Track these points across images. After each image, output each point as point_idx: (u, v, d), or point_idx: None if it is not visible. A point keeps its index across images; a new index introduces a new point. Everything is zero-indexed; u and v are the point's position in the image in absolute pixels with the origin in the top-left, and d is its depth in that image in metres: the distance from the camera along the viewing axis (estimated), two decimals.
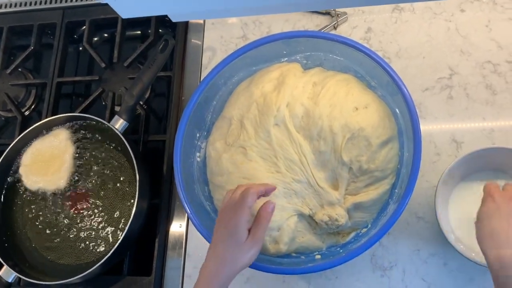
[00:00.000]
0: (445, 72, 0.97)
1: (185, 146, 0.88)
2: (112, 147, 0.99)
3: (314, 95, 0.85)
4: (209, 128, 0.95)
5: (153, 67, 0.97)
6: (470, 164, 0.83)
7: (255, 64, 0.93)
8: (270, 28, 1.09)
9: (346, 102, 0.82)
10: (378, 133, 0.81)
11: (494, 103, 0.94)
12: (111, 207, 0.96)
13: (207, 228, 0.82)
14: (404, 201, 0.75)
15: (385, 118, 0.82)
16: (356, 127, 0.80)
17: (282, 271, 0.80)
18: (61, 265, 0.96)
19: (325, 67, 0.91)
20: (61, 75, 1.16)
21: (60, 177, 0.98)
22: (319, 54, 0.90)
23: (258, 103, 0.86)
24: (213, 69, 0.89)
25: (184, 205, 0.83)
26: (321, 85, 0.85)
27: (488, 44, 0.97)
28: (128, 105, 0.97)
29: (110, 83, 1.12)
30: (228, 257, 0.70)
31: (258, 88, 0.87)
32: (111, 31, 1.20)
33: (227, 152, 0.87)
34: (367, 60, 0.83)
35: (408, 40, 1.01)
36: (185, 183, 0.85)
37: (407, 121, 0.80)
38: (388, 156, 0.82)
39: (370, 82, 0.88)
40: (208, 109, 0.94)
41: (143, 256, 0.99)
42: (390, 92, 0.84)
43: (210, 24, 1.13)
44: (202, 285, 0.69)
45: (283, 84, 0.86)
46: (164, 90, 1.13)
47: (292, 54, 0.92)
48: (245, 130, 0.86)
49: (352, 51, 0.84)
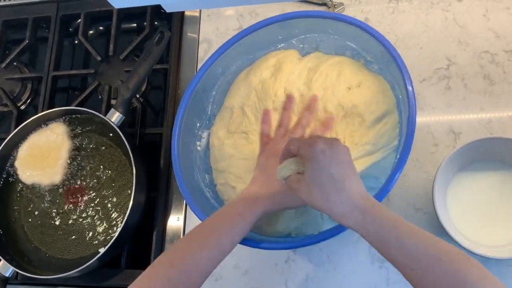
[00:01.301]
0: (443, 62, 0.97)
1: (184, 134, 0.88)
2: (108, 141, 0.99)
3: (308, 81, 0.86)
4: (210, 117, 0.95)
5: (148, 60, 0.96)
6: (468, 155, 0.83)
7: (252, 52, 0.93)
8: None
9: (339, 83, 0.84)
10: (371, 109, 0.82)
11: (492, 93, 0.93)
12: (108, 200, 0.96)
13: (207, 215, 0.80)
14: (395, 174, 0.73)
15: (378, 94, 0.83)
16: (349, 105, 0.82)
17: (273, 246, 0.78)
18: (58, 259, 0.96)
19: (321, 49, 0.92)
20: (56, 68, 1.15)
21: (55, 172, 0.97)
22: (314, 35, 0.91)
23: (257, 90, 0.88)
24: (209, 58, 0.89)
25: (182, 189, 0.82)
26: (314, 71, 0.87)
27: (485, 33, 0.97)
28: (124, 98, 0.97)
29: (106, 76, 1.12)
30: (273, 188, 0.71)
31: (256, 75, 0.89)
32: (106, 24, 1.19)
33: (229, 138, 0.89)
34: (360, 33, 0.83)
35: (405, 30, 1.00)
36: (184, 168, 0.85)
37: (403, 89, 0.78)
38: (382, 130, 0.82)
39: (366, 57, 0.88)
40: (208, 99, 0.94)
41: (141, 249, 0.98)
42: (386, 62, 0.83)
43: (205, 16, 1.12)
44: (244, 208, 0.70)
45: (280, 70, 0.88)
46: (161, 82, 1.12)
47: (287, 38, 0.92)
48: (246, 117, 0.88)
49: (344, 27, 0.84)
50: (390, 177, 0.73)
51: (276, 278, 0.92)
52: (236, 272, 0.94)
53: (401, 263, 0.57)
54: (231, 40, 0.89)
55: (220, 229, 0.69)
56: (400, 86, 0.81)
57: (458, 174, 0.86)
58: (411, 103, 0.75)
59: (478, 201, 0.85)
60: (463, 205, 0.85)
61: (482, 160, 0.85)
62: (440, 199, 0.82)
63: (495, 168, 0.85)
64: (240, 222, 0.69)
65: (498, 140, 0.81)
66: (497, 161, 0.85)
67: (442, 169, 0.82)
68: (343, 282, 0.89)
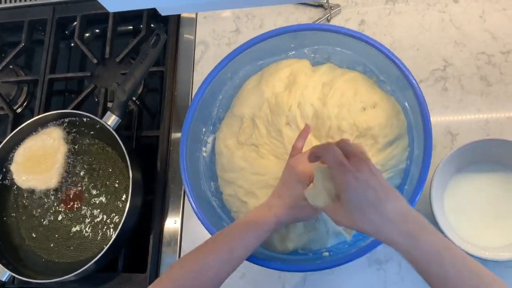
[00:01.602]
0: (439, 63, 0.96)
1: (191, 141, 0.87)
2: (104, 144, 0.98)
3: (323, 96, 0.85)
4: (215, 122, 0.94)
5: (144, 62, 0.96)
6: (465, 156, 0.83)
7: (262, 58, 0.92)
8: (263, 22, 1.08)
9: (354, 103, 0.83)
10: (385, 132, 0.82)
11: (488, 94, 0.93)
12: (104, 204, 0.95)
13: (213, 224, 0.81)
14: (414, 197, 0.74)
15: (392, 117, 0.83)
16: (364, 126, 0.81)
17: (291, 268, 0.79)
18: (55, 263, 0.96)
19: (333, 61, 0.91)
20: (52, 71, 1.15)
21: (51, 176, 0.97)
22: (327, 47, 0.90)
23: (270, 103, 0.87)
24: (218, 64, 0.87)
25: (191, 202, 0.82)
26: (329, 86, 0.85)
27: (482, 35, 0.97)
28: (120, 101, 0.96)
29: (103, 79, 1.11)
30: (288, 200, 0.71)
31: (269, 87, 0.87)
32: (102, 26, 1.19)
33: (239, 150, 0.88)
34: (375, 53, 0.82)
35: (401, 32, 1.00)
36: (191, 179, 0.85)
37: (417, 116, 0.79)
38: (392, 154, 0.82)
39: (379, 76, 0.87)
40: (214, 103, 0.93)
41: (138, 253, 0.98)
42: (400, 87, 0.84)
43: (202, 18, 1.12)
44: (258, 217, 0.71)
45: (294, 84, 0.86)
46: (157, 85, 1.12)
47: (299, 47, 0.91)
48: (257, 129, 0.87)
49: (360, 44, 0.83)
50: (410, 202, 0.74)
51: (273, 281, 0.92)
52: (233, 276, 0.92)
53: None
54: (241, 47, 0.87)
55: (233, 236, 0.70)
56: (414, 112, 0.81)
57: (456, 176, 0.86)
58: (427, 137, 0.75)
59: (476, 203, 0.85)
60: (460, 207, 0.85)
61: (479, 161, 0.85)
62: (438, 201, 0.82)
63: (492, 170, 0.85)
64: (253, 229, 0.70)
65: (496, 141, 0.81)
66: (494, 163, 0.85)
67: (439, 171, 0.82)
68: (341, 285, 0.89)
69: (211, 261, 0.68)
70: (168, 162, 1.03)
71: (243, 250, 0.70)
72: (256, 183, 0.85)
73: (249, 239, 0.70)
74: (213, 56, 1.08)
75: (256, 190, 0.85)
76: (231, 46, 1.08)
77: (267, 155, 0.86)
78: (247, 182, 0.86)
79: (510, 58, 0.94)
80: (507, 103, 0.92)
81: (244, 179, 0.86)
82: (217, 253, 0.69)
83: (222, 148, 0.90)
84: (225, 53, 0.88)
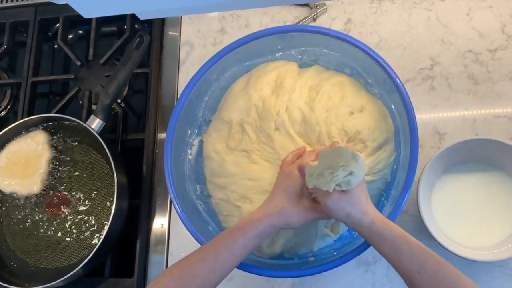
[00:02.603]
0: (426, 62, 0.96)
1: (176, 143, 0.85)
2: (89, 148, 0.97)
3: (310, 100, 0.84)
4: (201, 124, 0.93)
5: (128, 65, 0.94)
6: (452, 156, 0.82)
7: (249, 59, 0.90)
8: (249, 21, 1.06)
9: (341, 107, 0.82)
10: (374, 136, 0.81)
11: (476, 93, 0.93)
12: (90, 209, 0.94)
13: (199, 230, 0.79)
14: (400, 202, 0.74)
15: (380, 121, 0.82)
16: (353, 130, 0.81)
17: (279, 274, 0.78)
18: (41, 270, 0.95)
19: (320, 62, 0.90)
20: (36, 74, 1.13)
21: (35, 181, 0.95)
22: (314, 49, 0.88)
23: (258, 107, 0.85)
24: (204, 64, 0.86)
25: (176, 206, 0.81)
26: (316, 90, 0.84)
27: (469, 33, 0.96)
28: (104, 104, 0.95)
29: (87, 82, 1.10)
30: (280, 205, 0.72)
31: (256, 90, 0.86)
32: (86, 27, 1.17)
33: (230, 155, 0.86)
34: (362, 55, 0.81)
35: (388, 30, 0.99)
36: (176, 183, 0.83)
37: (404, 119, 0.78)
38: (379, 158, 0.82)
39: (366, 79, 0.86)
40: (200, 105, 0.92)
41: (125, 257, 0.97)
42: (387, 90, 0.83)
43: (187, 19, 1.10)
44: (245, 223, 0.71)
45: (281, 87, 0.85)
46: (142, 86, 1.10)
47: (286, 49, 0.89)
48: (247, 135, 0.86)
49: (347, 47, 0.82)
50: (397, 206, 0.75)
51: (262, 284, 0.91)
52: None
53: (410, 269, 0.64)
54: (229, 47, 0.85)
55: (220, 244, 0.70)
56: (401, 115, 0.80)
57: (443, 176, 0.85)
58: (414, 140, 0.75)
59: (464, 203, 0.84)
60: (448, 207, 0.84)
61: (467, 161, 0.85)
62: (425, 202, 0.82)
63: (480, 170, 0.85)
64: (240, 236, 0.70)
65: (483, 141, 0.81)
66: (482, 163, 0.85)
67: (426, 171, 0.81)
68: (329, 286, 0.89)
69: (198, 270, 0.67)
70: (154, 165, 1.02)
71: (231, 258, 0.69)
72: (250, 188, 0.84)
73: (236, 248, 0.69)
74: (198, 57, 1.07)
75: (251, 195, 0.84)
76: (216, 46, 1.06)
77: (259, 161, 0.85)
78: (240, 187, 0.85)
79: (497, 56, 0.94)
80: (495, 102, 0.92)
81: (237, 184, 0.85)
82: (205, 261, 0.68)
83: (211, 153, 0.89)
84: (210, 54, 0.87)
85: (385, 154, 0.82)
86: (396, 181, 0.81)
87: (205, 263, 0.68)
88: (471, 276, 0.84)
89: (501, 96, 0.92)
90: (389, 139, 0.83)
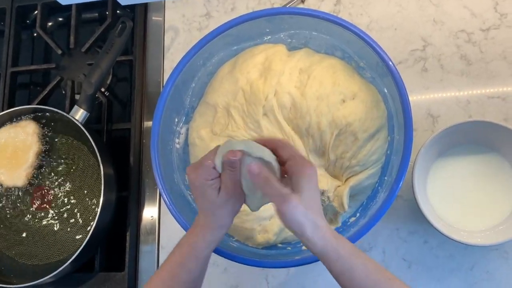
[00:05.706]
0: (418, 43, 0.93)
1: (163, 132, 0.82)
2: (74, 139, 0.94)
3: (301, 84, 0.81)
4: (188, 112, 0.90)
5: (111, 52, 0.91)
6: (447, 139, 0.81)
7: (237, 43, 0.87)
8: (235, 5, 1.03)
9: (333, 94, 0.79)
10: (365, 126, 0.78)
11: (469, 73, 0.91)
12: (77, 202, 0.92)
13: (188, 221, 0.77)
14: (395, 189, 0.72)
15: (373, 108, 0.80)
16: (343, 123, 0.78)
17: (270, 264, 0.77)
18: (30, 266, 0.92)
19: (311, 46, 0.87)
20: (15, 64, 1.09)
21: (20, 173, 0.92)
22: (304, 32, 0.85)
23: (245, 91, 0.82)
24: (190, 49, 0.82)
25: (164, 197, 0.78)
26: (307, 73, 0.81)
27: (461, 12, 0.94)
28: (87, 94, 0.91)
29: (69, 71, 1.06)
30: (203, 219, 0.65)
31: (243, 74, 0.83)
32: (66, 14, 1.13)
33: (214, 141, 0.83)
34: (354, 38, 0.78)
35: (378, 11, 0.97)
36: (164, 173, 0.80)
37: (398, 103, 0.76)
38: (373, 148, 0.80)
39: (358, 63, 0.84)
40: (187, 92, 0.89)
41: (115, 251, 0.95)
42: (380, 73, 0.80)
43: (170, 3, 1.07)
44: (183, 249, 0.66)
45: (269, 70, 0.81)
46: (126, 74, 1.07)
47: (275, 32, 0.86)
48: (233, 120, 0.82)
49: (338, 29, 0.79)
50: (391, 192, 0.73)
51: (256, 274, 0.90)
52: (215, 270, 0.91)
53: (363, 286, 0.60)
54: (214, 32, 0.82)
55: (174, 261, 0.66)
56: (394, 99, 0.78)
57: (438, 159, 0.84)
58: (408, 126, 0.73)
59: (460, 186, 0.83)
60: (443, 191, 0.83)
61: (462, 144, 0.83)
62: (420, 186, 0.80)
63: (476, 152, 0.83)
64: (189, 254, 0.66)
65: (477, 123, 0.79)
66: (477, 145, 0.83)
67: (421, 155, 0.80)
68: (324, 274, 0.86)
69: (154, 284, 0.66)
70: (141, 155, 0.99)
71: (187, 276, 0.66)
72: None
73: (190, 264, 0.65)
74: (183, 42, 1.03)
75: None
76: (202, 31, 1.03)
77: None
78: None
79: (490, 35, 0.92)
80: (488, 82, 0.90)
81: None
82: (161, 278, 0.66)
83: (196, 139, 0.86)
84: (196, 39, 0.84)
85: (378, 143, 0.80)
86: (390, 166, 0.80)
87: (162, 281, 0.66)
88: (465, 259, 0.84)
89: (495, 76, 0.90)
90: (382, 127, 0.81)
